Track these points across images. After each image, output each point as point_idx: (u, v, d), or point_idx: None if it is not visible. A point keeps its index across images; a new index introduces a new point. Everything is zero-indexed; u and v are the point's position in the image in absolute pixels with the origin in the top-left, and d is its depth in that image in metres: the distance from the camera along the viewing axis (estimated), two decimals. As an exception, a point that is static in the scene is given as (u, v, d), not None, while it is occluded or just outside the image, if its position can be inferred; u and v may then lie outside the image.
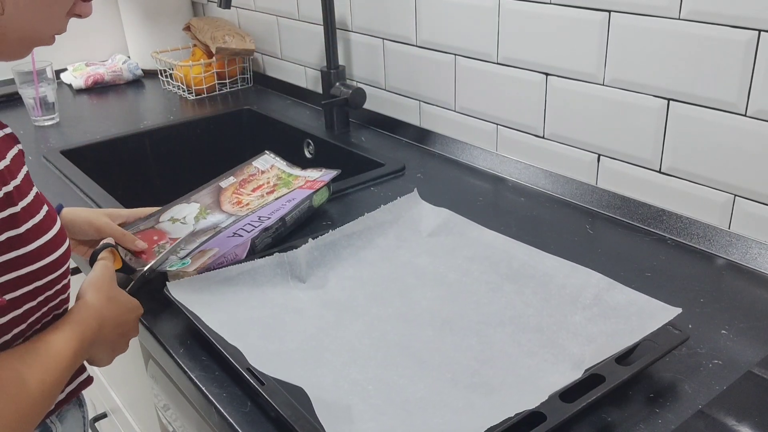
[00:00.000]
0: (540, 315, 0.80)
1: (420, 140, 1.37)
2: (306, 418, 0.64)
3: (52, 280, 0.68)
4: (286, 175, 1.10)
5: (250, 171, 1.12)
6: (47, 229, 0.67)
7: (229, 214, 1.01)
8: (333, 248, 0.93)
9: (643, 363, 0.69)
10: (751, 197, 0.90)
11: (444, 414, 0.66)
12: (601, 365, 0.69)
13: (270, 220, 0.96)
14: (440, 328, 0.80)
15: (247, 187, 1.08)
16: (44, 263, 0.66)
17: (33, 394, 0.62)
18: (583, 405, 0.64)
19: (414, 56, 1.33)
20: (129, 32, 1.97)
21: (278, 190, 1.06)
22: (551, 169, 1.14)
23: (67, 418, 0.79)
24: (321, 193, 1.06)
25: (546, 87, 1.11)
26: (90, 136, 1.50)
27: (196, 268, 0.86)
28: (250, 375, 0.70)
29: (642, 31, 0.95)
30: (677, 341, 0.71)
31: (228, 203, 1.04)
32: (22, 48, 0.67)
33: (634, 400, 0.69)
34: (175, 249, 0.91)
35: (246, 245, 0.92)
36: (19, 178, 0.65)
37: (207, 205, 1.04)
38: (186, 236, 0.94)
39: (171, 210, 1.01)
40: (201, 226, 0.98)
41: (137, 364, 1.07)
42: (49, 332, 0.68)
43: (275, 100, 1.71)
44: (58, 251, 0.68)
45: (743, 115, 0.88)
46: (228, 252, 0.89)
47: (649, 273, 0.90)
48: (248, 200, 1.05)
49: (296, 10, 1.61)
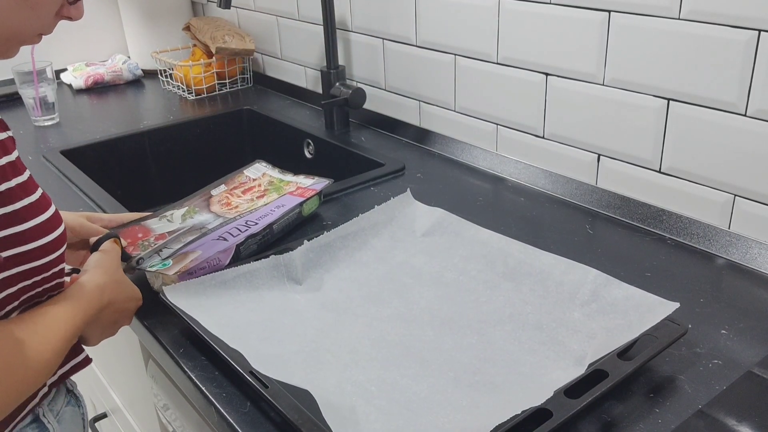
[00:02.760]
0: (539, 312, 0.80)
1: (420, 140, 1.37)
2: (312, 421, 0.64)
3: (49, 263, 0.68)
4: (278, 181, 1.09)
5: (241, 179, 1.11)
6: (43, 209, 0.67)
7: (217, 215, 1.00)
8: (328, 250, 0.93)
9: (645, 357, 0.69)
10: (751, 197, 0.90)
11: (448, 413, 0.66)
12: (603, 360, 0.69)
13: (257, 226, 0.95)
14: (440, 327, 0.80)
15: (237, 191, 1.07)
16: (40, 243, 0.66)
17: (30, 363, 0.62)
18: (588, 401, 0.64)
19: (414, 56, 1.33)
20: (129, 32, 1.97)
21: (269, 195, 1.05)
22: (551, 169, 1.14)
23: (65, 418, 0.78)
24: (312, 201, 1.05)
25: (546, 87, 1.11)
26: (90, 136, 1.50)
27: (177, 272, 0.85)
28: (253, 378, 0.70)
29: (642, 31, 0.95)
30: (677, 334, 0.72)
31: (217, 204, 1.03)
32: (7, 48, 0.67)
33: (634, 399, 0.69)
34: (160, 247, 0.90)
35: (230, 251, 0.91)
36: (13, 155, 0.65)
37: (195, 204, 1.03)
38: (172, 236, 0.93)
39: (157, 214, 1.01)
40: (188, 225, 0.97)
41: (137, 364, 1.07)
42: (51, 303, 0.68)
43: (275, 100, 1.71)
44: (55, 233, 0.68)
45: (743, 115, 0.88)
46: (211, 257, 0.88)
47: (649, 273, 0.90)
48: (237, 202, 1.04)
49: (296, 10, 1.61)
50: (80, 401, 0.83)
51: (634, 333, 0.71)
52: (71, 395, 0.82)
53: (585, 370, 0.68)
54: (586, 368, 0.68)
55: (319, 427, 0.63)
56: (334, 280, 0.89)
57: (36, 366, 0.63)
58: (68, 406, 0.80)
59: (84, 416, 0.84)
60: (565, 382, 0.67)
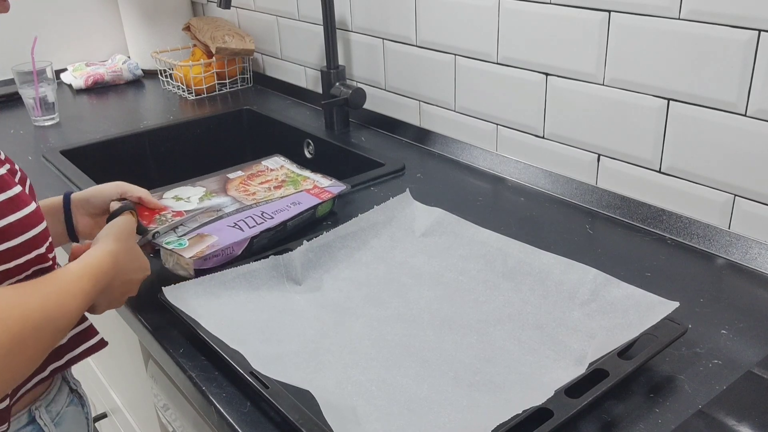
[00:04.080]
0: (539, 312, 0.80)
1: (420, 140, 1.37)
2: (314, 421, 0.64)
3: (31, 260, 0.67)
4: (295, 175, 1.10)
5: (259, 168, 1.12)
6: (23, 205, 0.66)
7: (234, 198, 1.01)
8: (328, 250, 0.93)
9: (645, 356, 0.69)
10: (751, 197, 0.90)
11: (449, 413, 0.66)
12: (603, 360, 0.69)
13: (273, 221, 0.95)
14: (440, 327, 0.80)
15: (255, 180, 1.08)
16: (21, 240, 0.65)
17: (31, 317, 0.59)
18: (589, 400, 0.64)
19: (414, 56, 1.33)
20: (129, 32, 1.97)
21: (286, 187, 1.06)
22: (551, 169, 1.14)
23: (66, 419, 0.77)
24: (327, 204, 1.06)
25: (546, 87, 1.11)
26: (90, 136, 1.50)
27: (193, 257, 0.86)
28: (253, 379, 0.70)
29: (642, 31, 0.95)
30: (677, 333, 0.72)
31: (234, 190, 1.04)
32: None
33: (634, 399, 0.69)
34: (177, 224, 0.91)
35: (244, 243, 0.91)
36: None
37: (212, 189, 1.04)
38: (189, 215, 0.94)
39: (176, 189, 1.02)
40: (205, 206, 0.98)
41: (137, 364, 1.07)
42: (64, 269, 0.66)
43: (275, 100, 1.71)
44: (35, 229, 0.67)
45: (743, 115, 0.88)
46: (225, 247, 0.89)
47: (649, 273, 0.90)
48: (255, 189, 1.05)
49: (296, 10, 1.61)
50: (84, 400, 0.82)
51: (634, 332, 0.72)
52: (75, 394, 0.80)
53: (585, 370, 0.68)
54: (586, 368, 0.68)
55: (320, 427, 0.63)
56: (333, 280, 0.89)
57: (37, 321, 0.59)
58: (70, 406, 0.78)
59: (88, 416, 0.82)
60: (566, 382, 0.67)
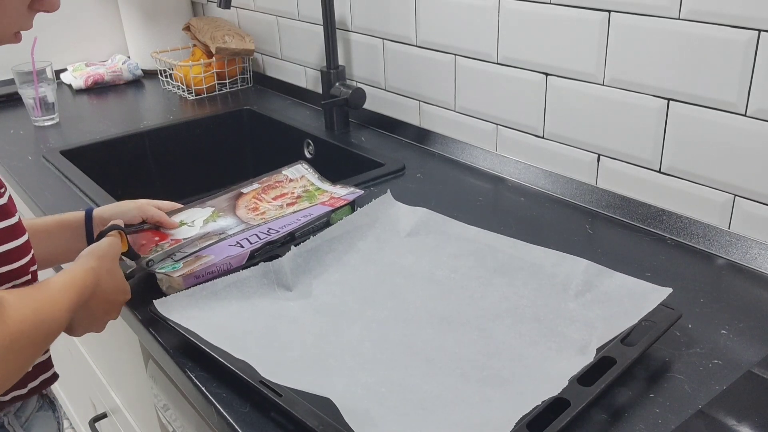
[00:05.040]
0: (535, 305, 0.81)
1: (420, 140, 1.37)
2: (334, 426, 0.63)
3: (12, 271, 0.67)
4: (314, 189, 1.07)
5: (278, 178, 1.09)
6: (3, 217, 0.66)
7: (241, 220, 0.99)
8: (315, 254, 0.92)
9: (648, 341, 0.71)
10: (751, 197, 0.90)
11: (463, 410, 0.66)
12: (608, 347, 0.70)
13: (278, 234, 0.93)
14: (439, 325, 0.80)
15: (269, 193, 1.05)
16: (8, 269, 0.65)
17: (27, 320, 0.59)
18: (602, 387, 0.65)
19: (414, 56, 1.33)
20: (129, 32, 1.97)
21: (300, 203, 1.03)
22: (551, 169, 1.14)
23: (35, 424, 0.76)
24: (342, 211, 1.01)
25: (546, 87, 1.11)
26: (90, 136, 1.50)
27: (182, 274, 0.84)
28: (264, 388, 0.69)
29: (642, 31, 0.95)
30: (674, 318, 0.74)
31: (244, 208, 1.02)
32: None
33: (634, 399, 0.69)
34: (174, 251, 0.90)
35: (243, 257, 0.89)
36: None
37: (221, 208, 1.01)
38: (189, 240, 0.93)
39: (182, 214, 1.00)
40: (207, 230, 0.96)
41: (137, 365, 1.07)
42: (45, 280, 0.66)
43: (275, 100, 1.71)
44: (17, 240, 0.67)
45: (743, 115, 0.88)
46: (220, 263, 0.87)
47: (649, 273, 0.90)
48: (265, 208, 1.02)
49: (296, 10, 1.61)
50: (55, 405, 0.81)
51: (633, 319, 0.72)
52: (44, 399, 0.79)
53: (594, 358, 0.69)
54: (594, 355, 0.69)
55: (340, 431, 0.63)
56: (324, 284, 0.88)
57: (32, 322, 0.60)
58: (40, 411, 0.77)
59: (59, 420, 0.81)
60: (575, 371, 0.67)
